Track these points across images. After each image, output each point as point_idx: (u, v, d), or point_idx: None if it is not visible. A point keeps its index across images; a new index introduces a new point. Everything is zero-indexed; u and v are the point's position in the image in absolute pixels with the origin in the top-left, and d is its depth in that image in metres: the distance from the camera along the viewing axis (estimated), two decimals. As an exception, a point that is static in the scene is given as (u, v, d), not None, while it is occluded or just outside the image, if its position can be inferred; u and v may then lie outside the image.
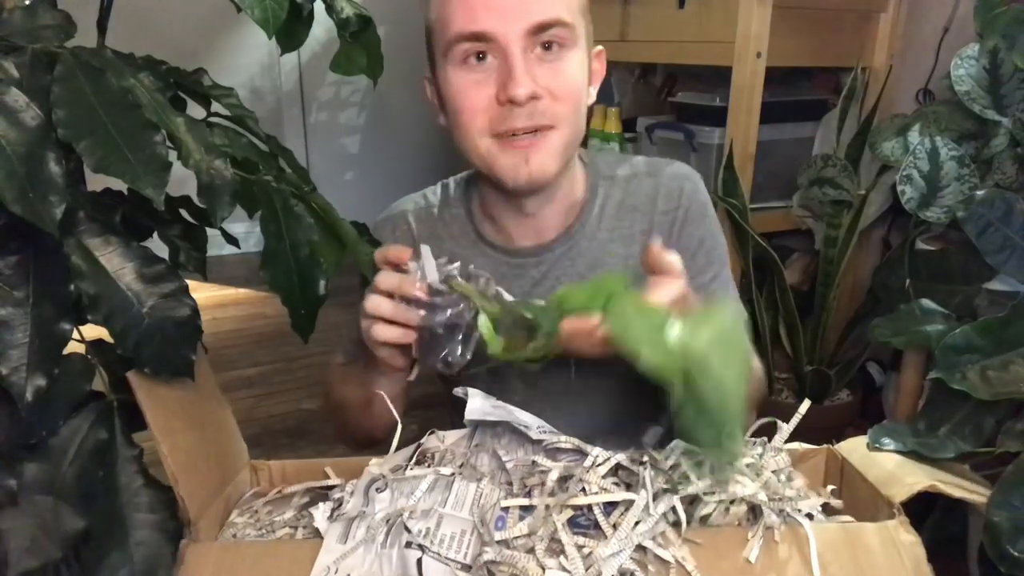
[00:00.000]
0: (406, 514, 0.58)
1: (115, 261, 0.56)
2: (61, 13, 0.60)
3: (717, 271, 0.88)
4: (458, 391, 0.68)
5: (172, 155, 0.54)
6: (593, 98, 0.82)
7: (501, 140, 0.75)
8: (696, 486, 0.57)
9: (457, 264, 0.68)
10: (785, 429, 0.63)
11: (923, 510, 0.59)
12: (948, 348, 0.75)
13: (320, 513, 0.61)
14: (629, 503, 0.56)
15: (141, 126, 0.53)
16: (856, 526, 0.57)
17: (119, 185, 0.54)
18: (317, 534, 0.60)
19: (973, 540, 0.75)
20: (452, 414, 0.91)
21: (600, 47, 0.83)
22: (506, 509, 0.59)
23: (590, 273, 0.84)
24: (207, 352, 0.67)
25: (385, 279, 0.69)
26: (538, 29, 0.72)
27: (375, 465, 0.66)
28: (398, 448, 0.68)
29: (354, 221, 0.76)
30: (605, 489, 0.58)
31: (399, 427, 0.68)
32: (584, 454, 0.62)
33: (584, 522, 0.57)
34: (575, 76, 0.76)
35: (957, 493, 0.61)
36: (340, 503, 0.62)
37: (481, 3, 0.71)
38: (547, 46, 0.73)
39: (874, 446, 0.68)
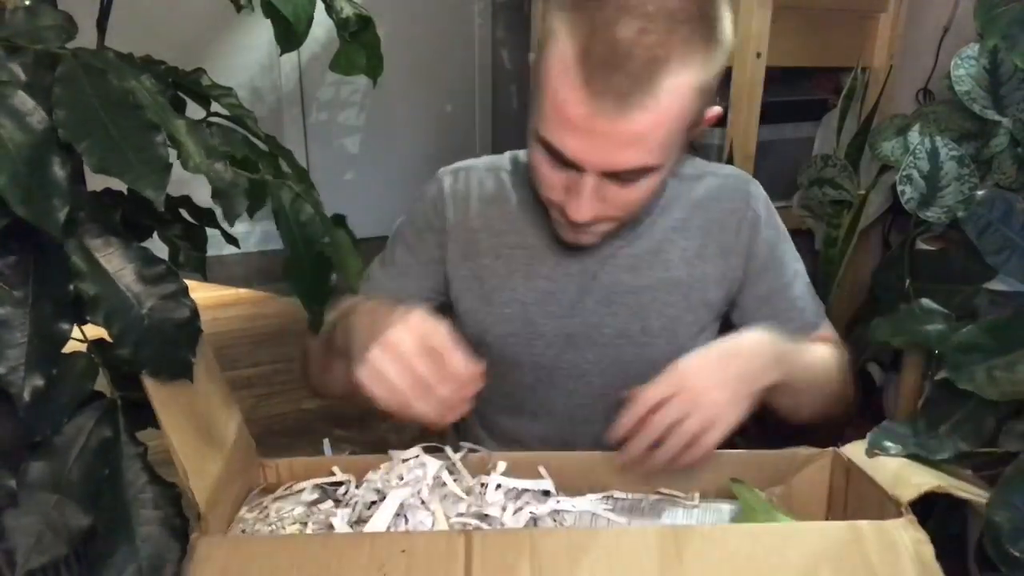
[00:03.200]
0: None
1: (115, 262, 0.56)
2: (62, 14, 0.59)
3: (795, 270, 0.96)
4: None
5: (172, 155, 0.54)
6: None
7: (563, 214, 0.76)
8: None
9: None
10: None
11: (923, 512, 0.59)
12: (956, 348, 0.74)
13: (339, 520, 0.62)
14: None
15: (142, 127, 0.53)
16: (863, 525, 0.57)
17: (119, 185, 0.54)
18: (329, 529, 0.61)
19: (973, 540, 0.75)
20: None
21: (718, 108, 0.76)
22: None
23: (649, 256, 0.86)
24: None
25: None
26: (617, 172, 0.70)
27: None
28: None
29: (342, 223, 0.76)
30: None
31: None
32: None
33: None
34: (643, 195, 0.74)
35: (964, 494, 0.61)
36: (355, 507, 0.63)
37: (571, 137, 0.68)
38: (624, 176, 0.72)
39: (873, 451, 0.67)
